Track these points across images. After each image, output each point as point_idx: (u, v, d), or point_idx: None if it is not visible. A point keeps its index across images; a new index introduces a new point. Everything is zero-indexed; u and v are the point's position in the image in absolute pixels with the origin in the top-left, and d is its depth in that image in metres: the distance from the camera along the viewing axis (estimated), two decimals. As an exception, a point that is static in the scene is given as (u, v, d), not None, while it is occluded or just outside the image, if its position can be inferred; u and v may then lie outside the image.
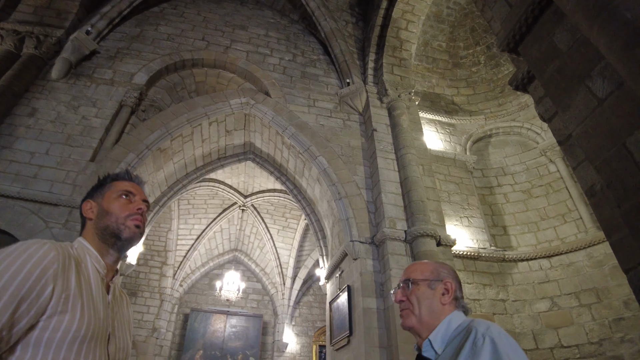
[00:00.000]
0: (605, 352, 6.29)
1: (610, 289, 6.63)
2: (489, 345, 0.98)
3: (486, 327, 1.04)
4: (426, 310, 1.22)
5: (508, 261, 7.67)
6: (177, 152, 8.21)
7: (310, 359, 13.25)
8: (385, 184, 7.43)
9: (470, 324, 1.12)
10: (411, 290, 1.26)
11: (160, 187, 8.48)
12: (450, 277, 1.27)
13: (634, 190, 2.17)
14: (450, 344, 1.12)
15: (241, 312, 13.41)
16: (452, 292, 1.23)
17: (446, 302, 1.23)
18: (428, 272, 1.27)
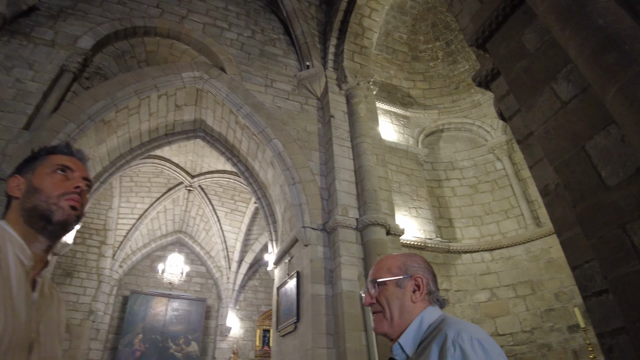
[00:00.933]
0: (536, 340, 6.81)
1: (544, 282, 7.15)
2: (458, 355, 0.91)
3: (457, 331, 0.95)
4: (397, 311, 1.12)
5: (452, 252, 8.00)
6: (122, 125, 7.64)
7: (254, 343, 13.18)
8: (339, 171, 7.41)
9: (440, 324, 1.05)
10: (379, 291, 1.16)
11: (101, 161, 7.87)
12: (422, 271, 1.17)
13: (589, 192, 2.24)
14: (421, 346, 1.04)
15: (184, 296, 13.00)
16: (424, 287, 1.14)
17: (417, 300, 1.13)
18: (395, 268, 1.17)
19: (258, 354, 12.86)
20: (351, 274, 6.46)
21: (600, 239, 2.17)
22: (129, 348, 11.55)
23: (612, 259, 2.08)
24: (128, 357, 11.42)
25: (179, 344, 12.09)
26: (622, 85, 1.82)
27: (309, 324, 6.28)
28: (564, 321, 6.70)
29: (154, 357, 11.66)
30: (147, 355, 11.61)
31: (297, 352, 6.54)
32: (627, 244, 2.01)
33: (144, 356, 11.57)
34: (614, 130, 2.11)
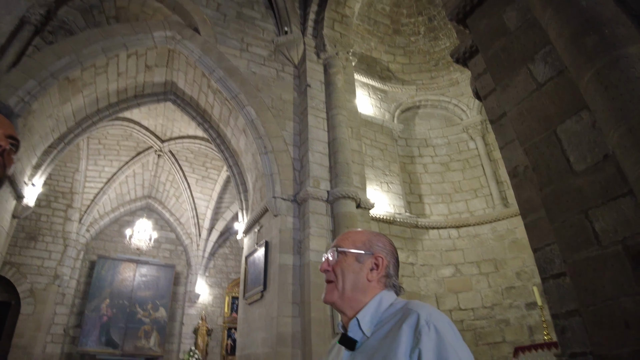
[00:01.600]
0: (495, 316, 7.13)
1: (507, 261, 7.42)
2: (434, 334, 0.89)
3: (428, 312, 0.94)
4: (350, 285, 1.08)
5: (420, 228, 8.14)
6: (88, 84, 7.21)
7: (223, 310, 13.26)
8: (313, 142, 7.30)
9: (406, 305, 1.01)
10: (337, 260, 1.11)
11: (66, 122, 7.46)
12: (385, 252, 1.12)
13: (557, 176, 2.24)
14: (382, 327, 1.00)
15: (152, 262, 12.78)
16: (383, 269, 1.10)
17: (373, 279, 1.09)
18: (360, 242, 1.12)
19: (226, 320, 12.99)
20: (319, 245, 6.49)
21: (562, 223, 2.19)
22: (96, 313, 11.41)
23: (572, 243, 2.11)
24: (95, 322, 11.29)
25: (146, 309, 11.99)
26: (598, 69, 1.78)
27: (276, 293, 6.32)
28: (523, 299, 7.03)
29: (121, 322, 11.56)
30: (115, 321, 11.51)
31: (262, 320, 6.61)
32: (588, 229, 2.03)
33: (111, 321, 11.46)
34: (585, 116, 2.09)
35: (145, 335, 11.64)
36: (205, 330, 12.60)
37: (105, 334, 11.26)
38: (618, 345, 1.82)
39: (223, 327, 12.94)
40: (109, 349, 11.15)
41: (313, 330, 5.87)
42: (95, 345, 11.02)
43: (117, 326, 11.47)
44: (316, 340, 5.82)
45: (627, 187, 1.82)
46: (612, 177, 1.93)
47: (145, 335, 11.64)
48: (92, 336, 11.07)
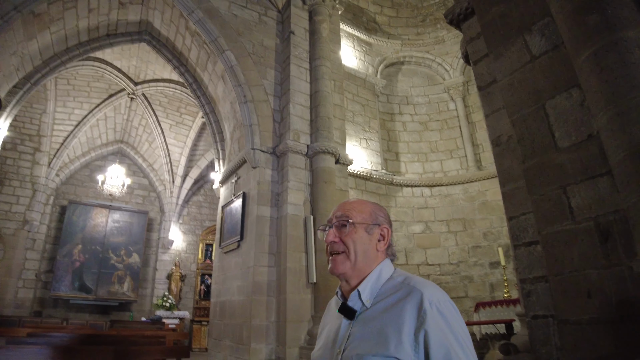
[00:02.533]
0: (460, 272, 7.56)
1: (476, 221, 7.75)
2: (438, 316, 0.94)
3: (431, 292, 0.98)
4: (362, 256, 1.10)
5: (395, 185, 8.31)
6: (56, 20, 6.64)
7: (196, 256, 13.43)
8: (295, 94, 7.13)
9: (407, 281, 1.05)
10: (348, 232, 1.12)
11: (32, 60, 6.93)
12: (387, 223, 1.16)
13: (541, 150, 2.30)
14: (383, 299, 1.04)
15: (125, 208, 12.59)
16: (388, 239, 1.14)
17: (381, 249, 1.13)
18: (367, 214, 1.14)
19: (200, 266, 13.19)
20: (297, 198, 6.56)
21: (541, 196, 2.29)
22: (68, 258, 11.31)
23: (548, 216, 2.21)
24: (67, 268, 11.22)
25: (119, 255, 11.99)
26: (596, 50, 1.78)
27: (252, 243, 6.43)
28: (487, 258, 7.45)
29: (94, 268, 11.54)
30: (87, 266, 11.48)
31: (239, 268, 6.76)
32: (565, 204, 2.13)
33: (84, 267, 11.42)
34: (575, 94, 2.12)
35: (118, 280, 11.72)
36: (179, 276, 12.80)
37: (78, 279, 11.26)
38: (580, 312, 1.98)
39: (197, 273, 13.16)
40: (82, 293, 11.21)
41: (288, 279, 6.07)
42: (68, 290, 11.05)
43: (90, 271, 11.46)
44: (291, 289, 6.04)
45: (606, 168, 1.90)
46: (593, 157, 2.00)
47: (118, 280, 11.72)
48: (64, 281, 11.05)
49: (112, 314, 11.60)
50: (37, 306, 10.96)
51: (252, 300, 6.09)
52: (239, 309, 6.44)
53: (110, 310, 11.71)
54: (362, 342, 1.00)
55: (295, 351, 5.78)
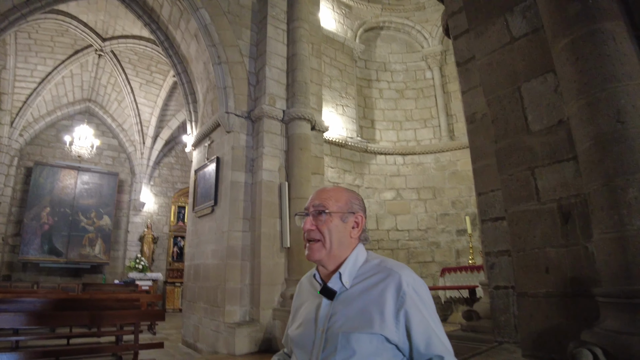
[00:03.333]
0: (428, 238, 7.87)
1: (445, 190, 8.00)
2: (416, 297, 1.05)
3: (408, 274, 1.08)
4: (337, 243, 1.17)
5: (369, 153, 8.40)
6: (10, -37, 6.08)
7: (169, 218, 13.33)
8: (271, 56, 6.94)
9: (383, 263, 1.14)
10: (324, 221, 1.18)
11: (-14, 12, 6.37)
12: (361, 210, 1.22)
13: (513, 131, 2.38)
14: (361, 281, 1.13)
15: (95, 169, 12.15)
16: (362, 226, 1.21)
17: (355, 236, 1.20)
18: (342, 202, 1.20)
19: (172, 229, 13.13)
20: (272, 165, 6.54)
21: (510, 176, 2.38)
22: (36, 221, 10.96)
23: (515, 195, 2.32)
24: (36, 231, 10.90)
25: (90, 217, 11.72)
26: (574, 39, 1.82)
27: (227, 209, 6.43)
28: (455, 225, 7.77)
29: (64, 231, 11.27)
30: (57, 229, 11.18)
31: (213, 233, 6.78)
32: (532, 185, 2.24)
33: (53, 230, 11.12)
34: (550, 79, 2.17)
35: (89, 243, 11.54)
36: (151, 238, 12.72)
37: (48, 242, 11.00)
38: (537, 286, 2.13)
39: (169, 235, 13.12)
40: (52, 257, 11.00)
41: (262, 244, 6.16)
42: (38, 254, 10.81)
43: (59, 234, 11.20)
44: (265, 254, 6.15)
45: (572, 154, 1.99)
46: (561, 142, 2.09)
47: (89, 243, 11.54)
48: (33, 245, 10.78)
49: (83, 277, 11.49)
50: (5, 270, 10.70)
51: (226, 264, 6.17)
52: (214, 272, 6.53)
53: (81, 273, 11.58)
54: (346, 320, 1.07)
55: (269, 313, 5.97)
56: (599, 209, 1.73)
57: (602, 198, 1.71)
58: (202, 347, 6.47)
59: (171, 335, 8.05)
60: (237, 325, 5.70)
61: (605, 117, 1.69)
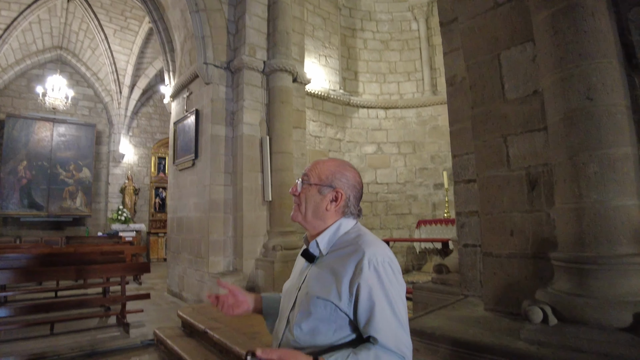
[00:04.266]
0: (406, 191, 8.07)
1: (425, 145, 8.10)
2: (372, 273, 1.08)
3: (373, 252, 1.11)
4: (311, 211, 1.25)
5: (352, 106, 8.35)
6: None
7: (149, 169, 13.17)
8: (251, 3, 6.63)
9: (357, 239, 1.19)
10: (303, 189, 1.27)
11: None
12: (347, 187, 1.25)
13: (490, 99, 2.42)
14: (337, 250, 1.20)
15: (70, 120, 11.70)
16: (341, 202, 1.24)
17: (331, 209, 1.24)
18: (324, 176, 1.25)
19: (154, 180, 13.04)
20: (253, 118, 6.48)
21: (484, 142, 2.46)
22: (12, 176, 10.65)
23: (487, 161, 2.41)
24: (13, 185, 10.63)
25: (69, 170, 11.46)
26: (554, 12, 1.82)
27: (208, 163, 6.43)
28: (432, 179, 7.96)
29: (43, 184, 11.02)
30: (35, 183, 10.93)
31: (194, 186, 6.81)
32: (504, 152, 2.32)
33: (31, 183, 10.86)
34: (529, 48, 2.19)
35: (70, 196, 11.40)
36: (133, 189, 12.64)
37: (27, 196, 10.82)
38: (502, 247, 2.29)
39: (150, 186, 13.05)
40: (32, 211, 10.87)
41: (244, 198, 6.26)
42: (18, 208, 10.65)
43: (38, 188, 10.99)
44: (247, 207, 6.26)
45: (544, 124, 2.06)
46: (534, 112, 2.15)
47: (70, 196, 11.40)
48: (12, 199, 10.57)
49: (66, 230, 11.48)
50: (-15, 226, 10.60)
51: (209, 217, 6.28)
52: (197, 224, 6.64)
53: (64, 225, 11.55)
54: (313, 283, 1.17)
55: (252, 262, 6.19)
56: (562, 181, 1.84)
57: (565, 170, 1.80)
58: (187, 296, 6.73)
59: (157, 285, 8.31)
60: (221, 275, 5.92)
61: (576, 93, 1.74)
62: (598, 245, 1.66)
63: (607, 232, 1.65)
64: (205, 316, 4.86)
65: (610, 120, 1.69)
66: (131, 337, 4.76)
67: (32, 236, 10.67)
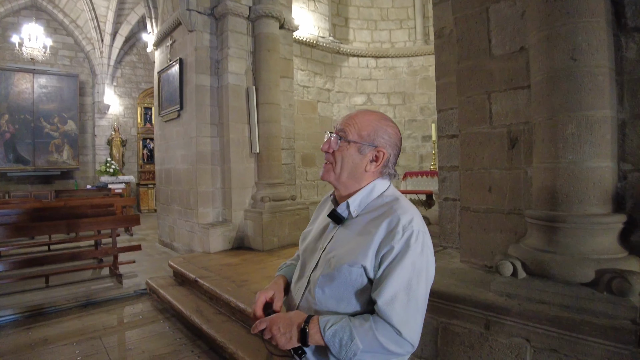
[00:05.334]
0: (393, 144, 8.04)
1: (415, 96, 7.97)
2: (403, 241, 1.01)
3: (409, 220, 1.03)
4: (347, 172, 1.13)
5: (342, 54, 8.10)
6: None
7: (136, 120, 12.87)
8: (235, -59, 6.21)
9: (393, 203, 1.10)
10: (339, 146, 1.13)
11: None
12: (388, 145, 1.13)
13: (476, 54, 2.37)
14: (368, 212, 1.11)
15: (52, 71, 11.16)
16: (382, 162, 1.12)
17: (370, 170, 1.13)
18: (365, 132, 1.11)
19: (141, 131, 12.79)
20: (239, 67, 6.31)
21: (468, 98, 2.44)
22: None
23: (470, 117, 2.41)
24: None
25: (53, 122, 11.12)
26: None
27: (193, 114, 6.33)
28: (421, 132, 7.93)
29: (27, 138, 10.71)
30: (20, 137, 10.61)
31: (181, 138, 6.75)
32: (487, 109, 2.32)
33: (15, 138, 10.56)
34: (519, 3, 2.11)
35: (56, 149, 11.16)
36: (120, 141, 12.43)
37: (12, 151, 10.56)
38: (479, 202, 2.35)
39: (137, 137, 12.83)
40: (19, 165, 10.66)
41: (232, 150, 6.24)
42: (4, 163, 10.42)
43: (23, 142, 10.70)
44: (235, 159, 6.27)
45: (527, 82, 2.04)
46: (519, 69, 2.12)
47: (56, 149, 11.16)
48: (-3, 154, 10.37)
49: (55, 183, 11.40)
50: (-28, 182, 10.45)
51: (197, 169, 6.28)
52: (185, 176, 6.66)
53: (52, 179, 11.44)
54: (340, 247, 1.10)
55: (241, 213, 6.30)
56: (540, 140, 1.86)
57: (545, 130, 1.82)
58: (178, 246, 6.88)
59: (148, 236, 8.45)
60: (210, 226, 6.04)
61: (561, 52, 1.71)
62: (570, 205, 1.72)
63: (579, 193, 1.70)
64: (196, 265, 5.02)
65: (592, 82, 1.68)
66: (124, 287, 4.92)
67: (21, 191, 10.61)
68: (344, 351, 0.97)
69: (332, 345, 0.98)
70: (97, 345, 3.40)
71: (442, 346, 1.98)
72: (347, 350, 0.96)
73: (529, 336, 1.65)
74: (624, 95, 1.79)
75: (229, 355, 3.09)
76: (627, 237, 1.76)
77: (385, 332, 0.97)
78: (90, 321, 3.95)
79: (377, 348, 0.97)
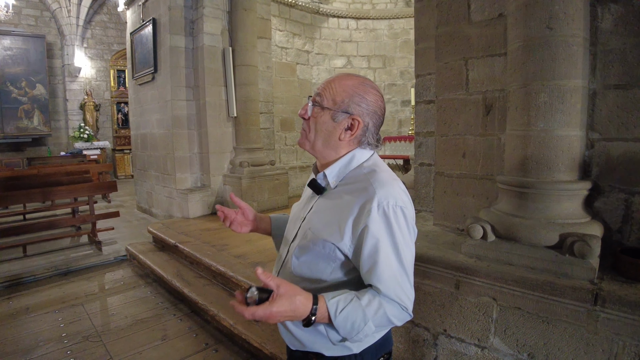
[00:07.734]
0: (374, 108, 7.98)
1: (395, 60, 7.85)
2: (382, 217, 0.97)
3: (385, 195, 0.98)
4: (321, 140, 1.08)
5: (321, 14, 7.86)
6: None
7: (109, 83, 12.32)
8: None
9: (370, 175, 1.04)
10: (313, 113, 1.08)
11: None
12: (366, 113, 1.05)
13: (455, 19, 2.35)
14: (347, 184, 1.07)
15: (16, 32, 10.44)
16: (357, 131, 1.06)
17: (345, 139, 1.07)
18: (339, 98, 1.04)
19: (114, 94, 12.29)
20: (214, 27, 6.10)
21: (445, 64, 2.44)
22: None
23: (447, 83, 2.42)
24: None
25: (21, 87, 10.55)
26: None
27: (168, 77, 6.16)
28: (400, 96, 7.89)
29: None
30: None
31: (156, 102, 6.57)
32: (464, 75, 2.32)
33: None
34: (499, -35, 2.07)
35: (26, 115, 10.65)
36: (93, 105, 11.93)
37: None
38: (453, 168, 2.41)
39: (112, 101, 12.35)
40: None
41: (208, 114, 6.14)
42: None
43: None
44: (212, 123, 6.18)
45: (504, 50, 2.05)
46: (497, 36, 2.12)
47: (26, 115, 10.65)
48: (-39, 121, 9.81)
49: (26, 151, 10.98)
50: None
51: (173, 134, 6.17)
52: (161, 141, 6.53)
53: (23, 146, 11.00)
54: (316, 220, 1.08)
55: (219, 179, 6.28)
56: (514, 108, 1.89)
57: (518, 98, 1.84)
58: (157, 212, 6.85)
59: (126, 202, 8.36)
60: (189, 191, 6.01)
61: (537, 21, 1.71)
62: (539, 172, 1.78)
63: (548, 160, 1.76)
64: (175, 231, 5.04)
65: (566, 52, 1.69)
66: (104, 254, 4.92)
67: (-10, 159, 10.23)
68: (354, 333, 0.96)
69: (342, 328, 0.95)
70: (80, 312, 3.44)
71: (415, 305, 2.07)
72: (359, 332, 0.96)
73: (495, 295, 1.75)
74: (596, 66, 1.82)
75: (210, 317, 3.17)
76: (591, 203, 1.85)
77: (394, 310, 1.00)
78: (71, 289, 3.96)
79: (385, 323, 1.00)
